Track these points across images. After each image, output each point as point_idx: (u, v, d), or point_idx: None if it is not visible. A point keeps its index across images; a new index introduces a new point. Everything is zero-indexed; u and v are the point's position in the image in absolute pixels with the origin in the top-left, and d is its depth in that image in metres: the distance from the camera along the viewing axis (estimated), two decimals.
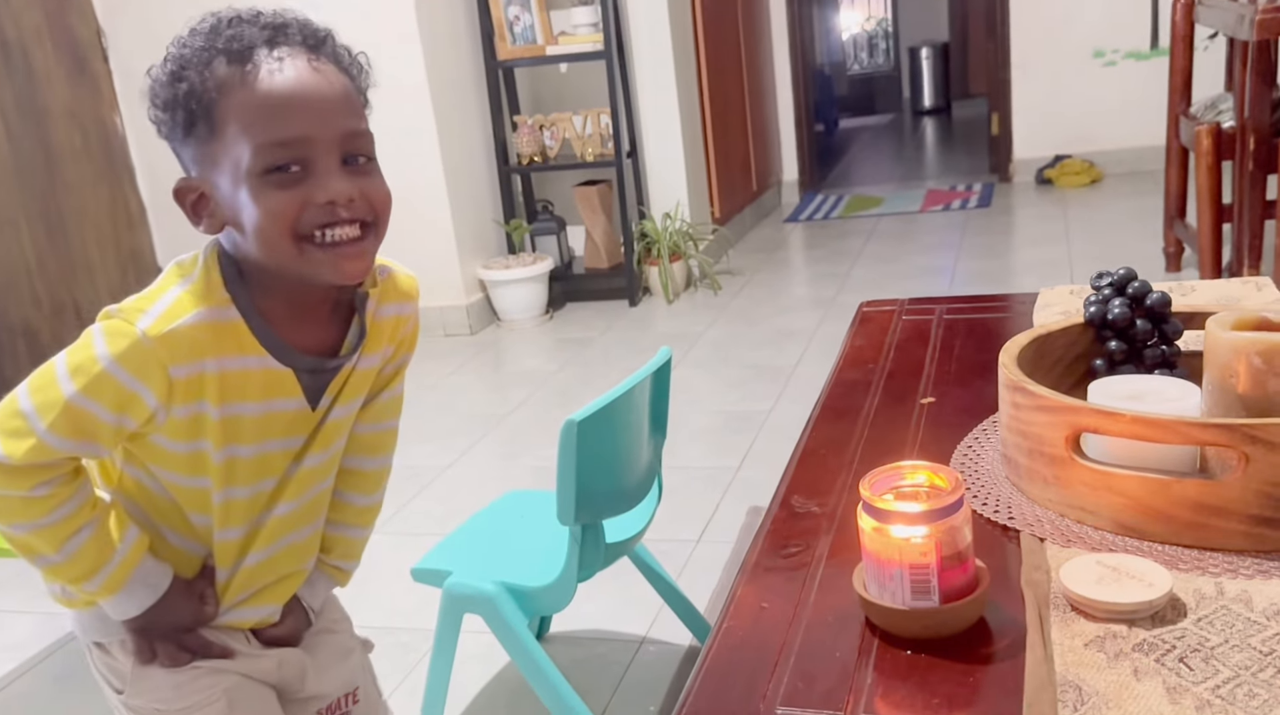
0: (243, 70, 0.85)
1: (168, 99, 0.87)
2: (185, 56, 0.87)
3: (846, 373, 1.30)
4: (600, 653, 1.79)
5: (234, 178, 0.86)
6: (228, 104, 0.85)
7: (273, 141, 0.85)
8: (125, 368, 0.86)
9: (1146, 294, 1.01)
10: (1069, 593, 0.74)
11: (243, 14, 0.89)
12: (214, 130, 0.86)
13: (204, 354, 0.88)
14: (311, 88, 0.87)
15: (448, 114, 3.75)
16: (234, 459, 0.94)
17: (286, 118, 0.85)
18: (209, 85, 0.85)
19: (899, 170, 6.40)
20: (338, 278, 0.90)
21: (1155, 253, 3.74)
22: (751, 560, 0.88)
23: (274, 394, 0.93)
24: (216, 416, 0.91)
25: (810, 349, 3.28)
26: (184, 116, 0.87)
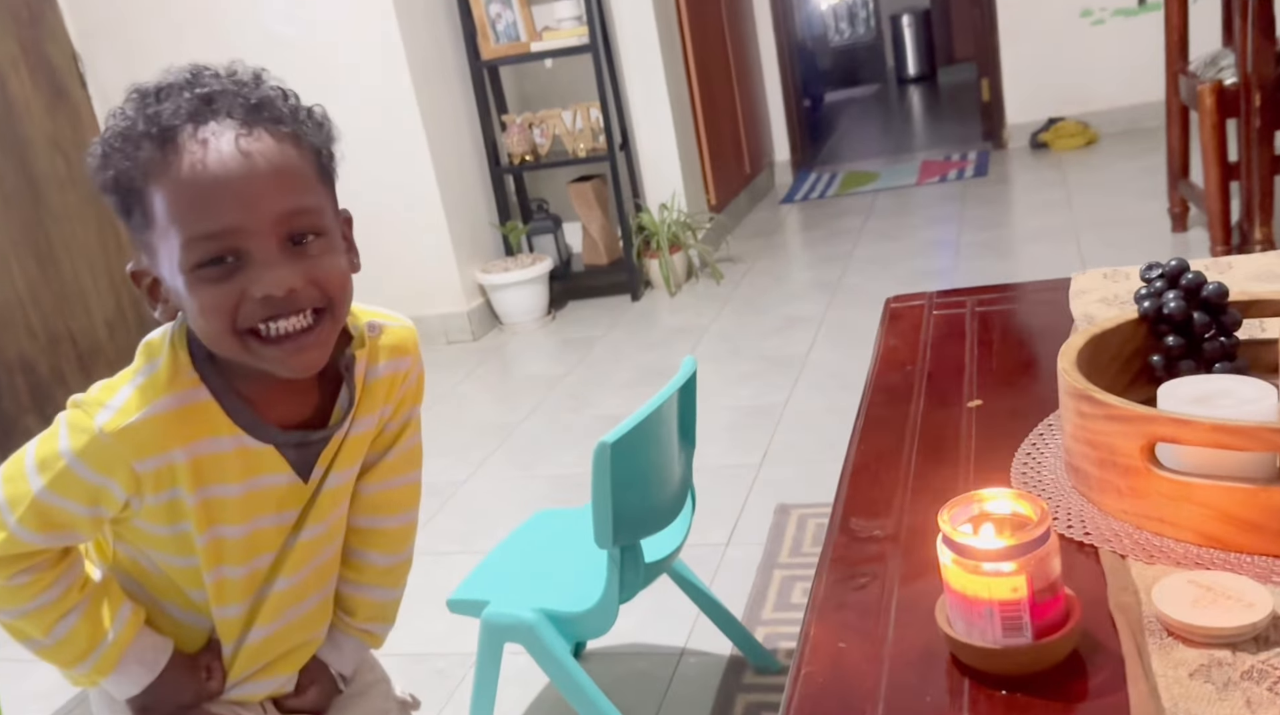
0: (164, 154, 0.79)
1: (101, 181, 0.83)
2: (111, 138, 0.81)
3: (885, 376, 1.26)
4: (640, 669, 1.76)
5: (170, 269, 0.82)
6: (154, 191, 0.80)
7: (199, 234, 0.79)
8: (87, 464, 0.83)
9: (1201, 285, 0.98)
10: (1165, 618, 0.70)
11: (175, 80, 0.82)
12: (147, 218, 0.81)
13: (169, 444, 0.84)
14: (239, 169, 0.79)
15: (436, 118, 3.70)
16: (220, 540, 0.90)
17: (211, 206, 0.79)
18: (134, 171, 0.80)
19: (890, 143, 6.35)
20: (289, 372, 0.85)
21: (1159, 213, 3.71)
22: (820, 595, 0.84)
23: (256, 472, 0.89)
24: (193, 502, 0.87)
25: (820, 336, 3.24)
26: (119, 202, 0.83)
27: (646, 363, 3.23)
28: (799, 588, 1.89)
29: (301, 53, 3.58)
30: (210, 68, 0.84)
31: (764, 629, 1.79)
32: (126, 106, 0.82)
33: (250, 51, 3.48)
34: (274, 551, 0.94)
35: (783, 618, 1.82)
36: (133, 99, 0.82)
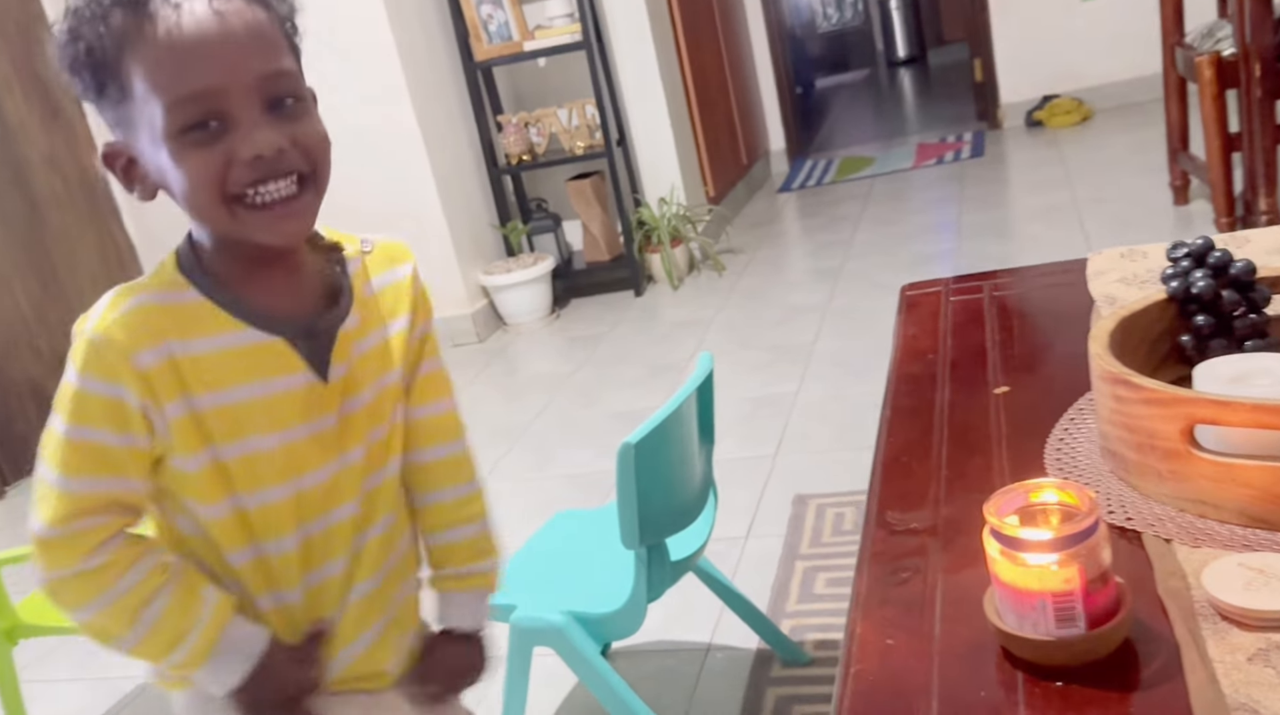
0: (138, 20, 0.77)
1: (71, 59, 0.80)
2: (81, 9, 0.79)
3: (907, 366, 1.25)
4: (668, 666, 1.76)
5: (152, 140, 0.80)
6: (130, 60, 0.78)
7: (182, 97, 0.77)
8: (93, 376, 0.81)
9: (1229, 263, 0.97)
10: (1218, 602, 0.70)
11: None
12: (124, 90, 0.79)
13: (164, 335, 0.83)
14: (216, 30, 0.78)
15: (432, 121, 3.69)
16: (254, 456, 0.86)
17: (193, 68, 0.77)
18: (107, 41, 0.78)
19: (884, 127, 6.34)
20: (276, 239, 0.83)
21: (1160, 187, 3.70)
22: (863, 591, 0.84)
23: (268, 371, 0.86)
24: (209, 406, 0.84)
25: (826, 324, 3.24)
26: (91, 78, 0.80)
27: (654, 358, 3.22)
28: (822, 579, 1.89)
29: None
30: None
31: (789, 621, 1.78)
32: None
33: None
34: (316, 470, 0.89)
35: (807, 609, 1.82)
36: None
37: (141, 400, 0.82)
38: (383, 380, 0.94)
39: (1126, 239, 3.37)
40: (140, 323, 0.82)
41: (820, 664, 1.67)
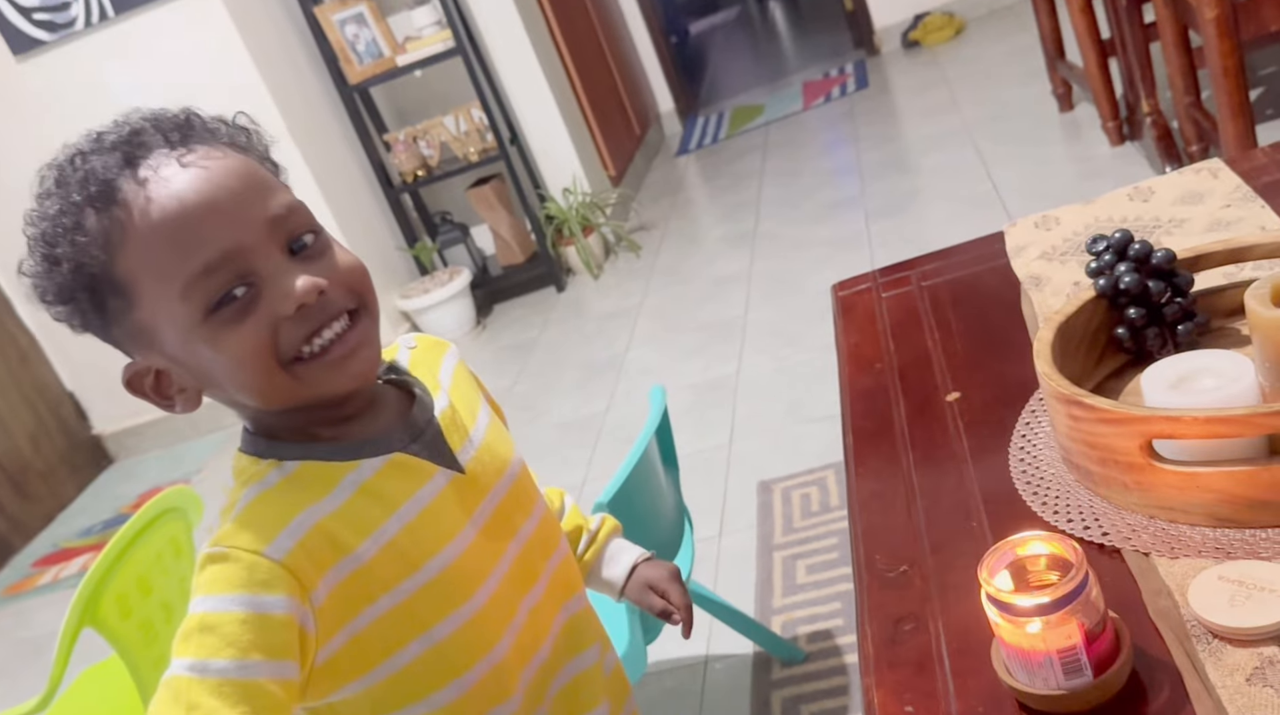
0: (114, 213, 0.70)
1: (57, 289, 0.72)
2: (47, 231, 0.70)
3: (857, 380, 1.27)
4: (669, 686, 1.79)
5: (179, 337, 0.72)
6: (123, 260, 0.70)
7: (198, 271, 0.70)
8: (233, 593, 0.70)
9: (1149, 254, 1.00)
10: (1207, 623, 0.73)
11: (80, 145, 0.73)
12: (127, 297, 0.71)
13: (291, 512, 0.73)
14: (205, 190, 0.71)
15: (317, 155, 3.59)
16: (439, 576, 0.78)
17: (197, 237, 0.70)
18: (89, 250, 0.70)
19: (766, 69, 6.35)
20: (350, 383, 0.76)
21: (1044, 96, 3.78)
22: (869, 654, 0.86)
23: (409, 489, 0.79)
24: (371, 552, 0.75)
25: (753, 293, 3.26)
26: (86, 299, 0.72)
27: (588, 357, 3.22)
28: (802, 567, 1.93)
29: None
30: (104, 128, 0.74)
31: (779, 618, 1.82)
32: (43, 204, 0.71)
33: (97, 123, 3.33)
34: (500, 561, 0.83)
35: (794, 601, 1.86)
36: (48, 179, 0.72)
37: (294, 599, 0.71)
38: (509, 454, 0.89)
39: (1019, 156, 3.45)
40: (260, 513, 0.74)
41: (817, 657, 1.71)
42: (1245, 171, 1.36)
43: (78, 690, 1.82)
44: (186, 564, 1.71)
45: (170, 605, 1.65)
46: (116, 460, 3.97)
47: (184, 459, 3.73)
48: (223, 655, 0.68)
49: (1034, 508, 0.93)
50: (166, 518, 1.65)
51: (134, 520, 1.58)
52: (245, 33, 3.36)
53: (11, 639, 2.94)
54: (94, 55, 3.37)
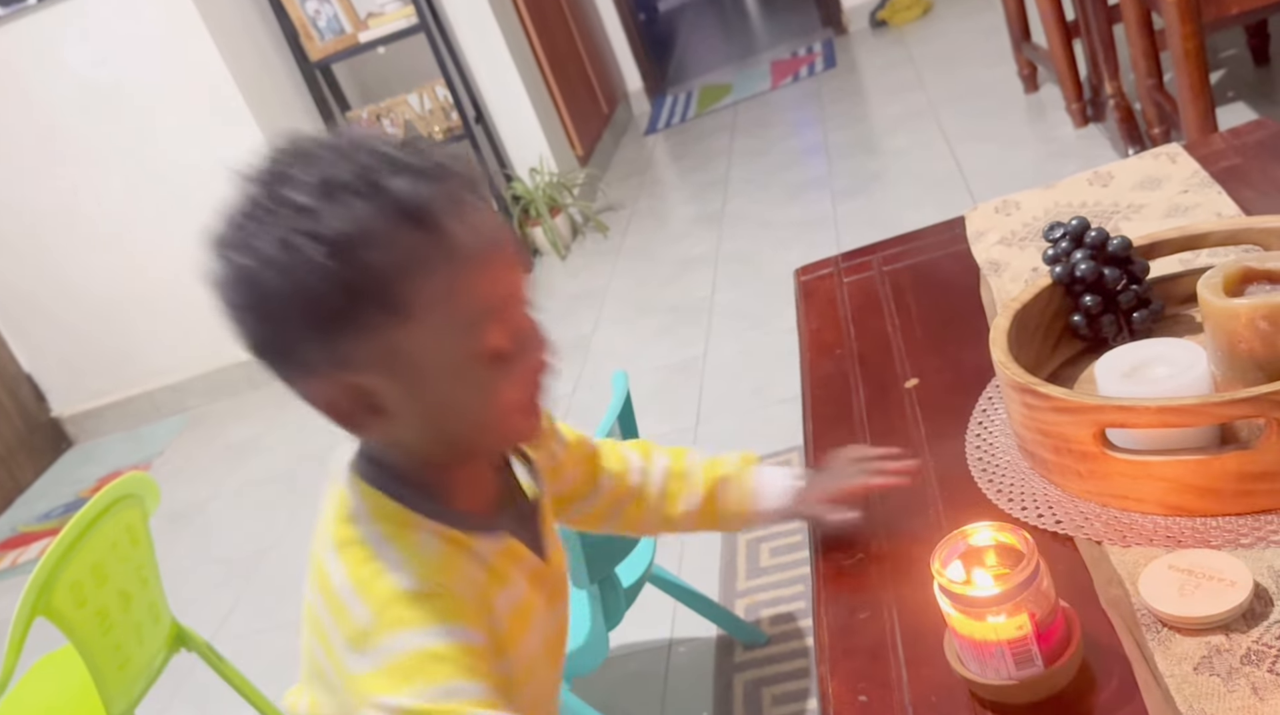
0: (433, 239, 0.68)
1: (316, 283, 0.66)
2: (357, 231, 0.66)
3: (818, 366, 1.27)
4: (633, 670, 1.79)
5: (444, 368, 0.70)
6: (418, 282, 0.68)
7: (490, 314, 0.70)
8: (441, 625, 0.71)
9: (1106, 242, 1.00)
10: (1157, 612, 0.74)
11: (371, 153, 0.69)
12: (400, 316, 0.68)
13: (458, 568, 0.75)
14: (506, 237, 0.72)
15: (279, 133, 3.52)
16: (527, 664, 0.82)
17: (495, 285, 0.71)
18: (394, 262, 0.67)
19: (735, 47, 6.32)
20: (534, 437, 0.81)
21: (1009, 77, 3.79)
22: (825, 643, 0.86)
23: (516, 571, 0.81)
24: (503, 622, 0.79)
25: (719, 274, 3.26)
26: (340, 301, 0.67)
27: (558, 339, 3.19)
28: (765, 550, 1.93)
29: (124, 97, 3.36)
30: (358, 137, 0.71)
31: (742, 601, 1.83)
32: (346, 203, 0.66)
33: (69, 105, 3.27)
34: (558, 646, 0.88)
35: (757, 585, 1.86)
36: (348, 187, 0.67)
37: (482, 632, 0.75)
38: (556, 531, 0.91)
39: (984, 136, 3.46)
40: (444, 555, 0.75)
41: (779, 640, 1.72)
42: (1203, 157, 1.37)
43: (32, 680, 1.79)
44: (143, 551, 1.69)
45: (127, 593, 1.63)
46: (76, 443, 3.91)
47: (145, 441, 3.68)
48: (466, 678, 0.70)
49: (989, 495, 0.93)
50: (122, 505, 1.62)
51: (88, 507, 1.55)
52: (203, 8, 3.30)
53: None
54: (49, 30, 3.29)
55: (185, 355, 3.76)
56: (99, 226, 3.57)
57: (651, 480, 1.02)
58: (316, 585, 0.78)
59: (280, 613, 2.39)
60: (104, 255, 3.61)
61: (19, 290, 3.68)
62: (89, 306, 3.70)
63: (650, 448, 1.03)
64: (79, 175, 3.48)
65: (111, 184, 3.49)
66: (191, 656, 1.85)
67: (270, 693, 1.86)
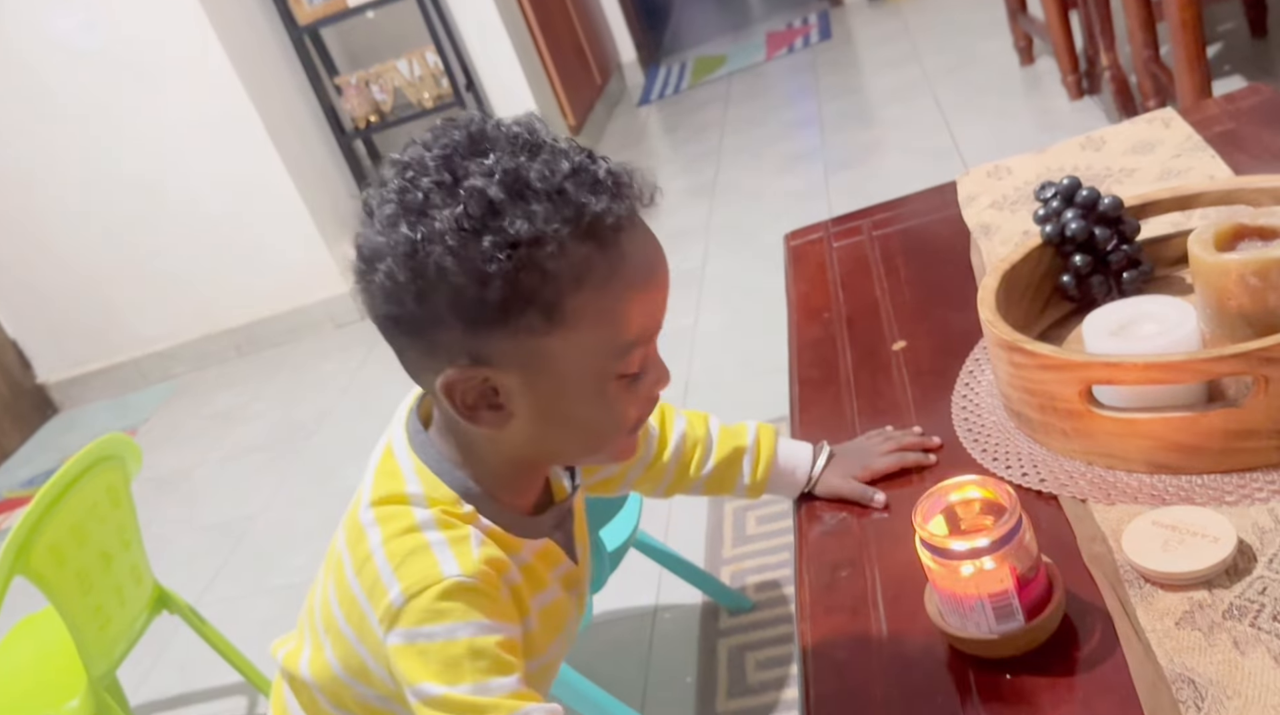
0: (607, 256, 0.68)
1: (487, 278, 0.66)
2: (539, 236, 0.66)
3: (806, 330, 1.26)
4: (617, 636, 1.79)
5: (581, 379, 0.71)
6: (583, 295, 0.68)
7: (638, 338, 0.71)
8: (484, 619, 0.73)
9: (1097, 201, 0.99)
10: (1140, 568, 0.73)
11: (567, 157, 0.68)
12: (556, 323, 0.68)
13: (504, 564, 0.77)
14: (664, 266, 0.73)
15: (266, 98, 3.49)
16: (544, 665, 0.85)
17: (652, 307, 0.72)
18: (567, 272, 0.67)
19: (730, 18, 6.26)
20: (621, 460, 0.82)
21: (1005, 49, 3.76)
22: (806, 601, 0.85)
23: (551, 572, 0.83)
24: (535, 622, 0.81)
25: (711, 245, 3.24)
26: (505, 300, 0.67)
27: None
28: (751, 518, 1.93)
29: (110, 62, 3.31)
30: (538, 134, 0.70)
31: (728, 568, 1.82)
32: (534, 203, 0.66)
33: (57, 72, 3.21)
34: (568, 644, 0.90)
35: (743, 552, 1.86)
36: (537, 189, 0.66)
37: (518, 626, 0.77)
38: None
39: (979, 108, 3.44)
40: (492, 555, 0.75)
41: (764, 606, 1.72)
42: (1197, 121, 1.35)
43: (12, 641, 1.79)
44: (125, 513, 1.67)
45: (108, 554, 1.62)
46: (62, 410, 3.89)
47: (131, 409, 3.66)
48: (503, 672, 0.72)
49: (974, 455, 0.92)
50: (103, 466, 1.61)
51: (68, 467, 1.53)
52: None
53: None
54: None
55: (172, 323, 3.73)
56: (84, 191, 3.53)
57: (668, 445, 1.01)
58: (349, 546, 0.78)
59: (264, 579, 2.38)
60: (89, 221, 3.57)
61: (4, 257, 3.64)
62: (75, 272, 3.67)
63: (668, 412, 1.01)
64: (64, 138, 3.43)
65: (97, 148, 3.45)
66: (174, 622, 1.84)
67: (253, 656, 1.86)
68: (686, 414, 1.03)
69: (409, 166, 0.69)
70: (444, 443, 0.79)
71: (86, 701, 1.56)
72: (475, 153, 0.68)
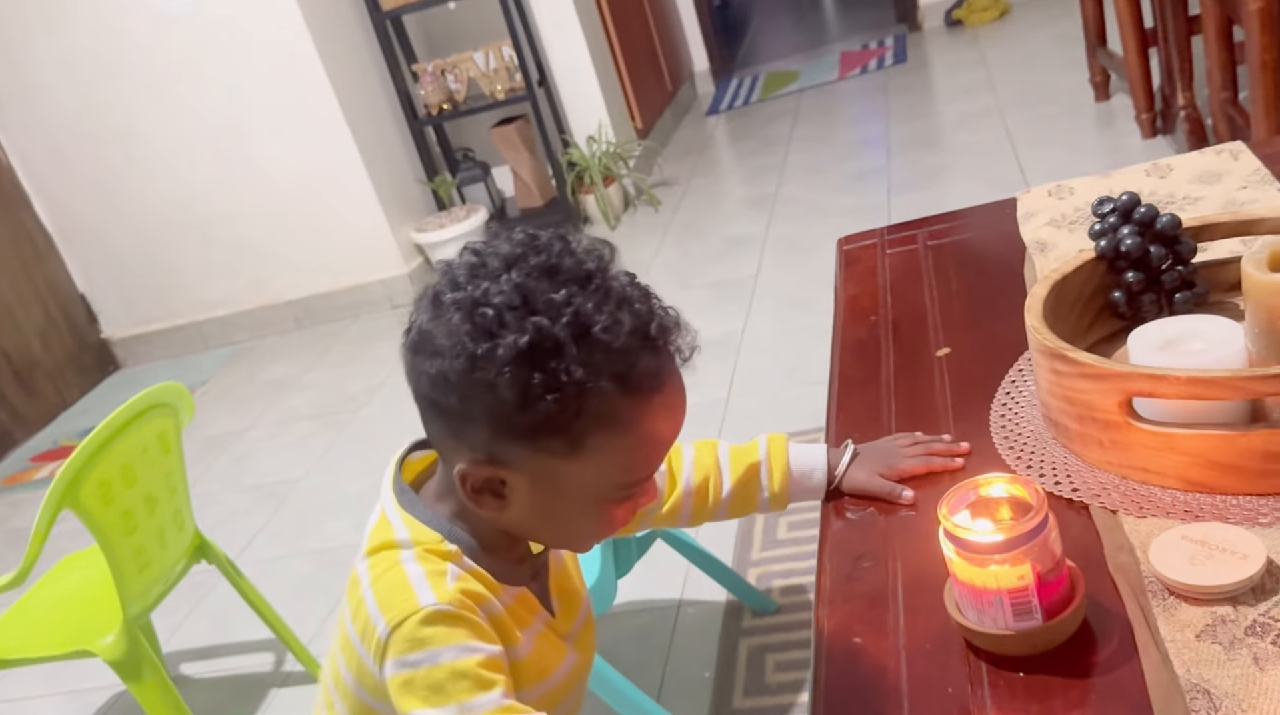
0: (636, 406, 0.73)
1: (527, 400, 0.71)
2: (582, 379, 0.70)
3: (851, 330, 1.26)
4: (641, 625, 1.80)
5: (576, 497, 0.77)
6: (606, 436, 0.73)
7: (640, 478, 0.78)
8: (468, 641, 0.76)
9: (1154, 219, 0.98)
10: (1165, 579, 0.73)
11: (630, 315, 0.73)
12: (574, 451, 0.74)
13: (482, 598, 0.80)
14: (682, 416, 0.78)
15: (345, 79, 3.57)
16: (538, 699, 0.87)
17: (660, 454, 0.78)
18: (597, 414, 0.72)
19: (806, 36, 6.26)
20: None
21: (1081, 84, 3.72)
22: (826, 587, 0.86)
23: (528, 618, 0.86)
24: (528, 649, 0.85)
25: (766, 255, 3.24)
26: (535, 422, 0.72)
27: None
28: (784, 523, 1.93)
29: (196, 30, 3.41)
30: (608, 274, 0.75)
31: (755, 570, 1.83)
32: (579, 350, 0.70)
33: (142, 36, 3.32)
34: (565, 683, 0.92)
35: (772, 555, 1.86)
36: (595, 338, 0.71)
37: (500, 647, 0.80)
38: (582, 590, 0.95)
39: (1051, 141, 3.40)
40: (468, 587, 0.79)
41: (788, 610, 1.72)
42: (1266, 155, 1.33)
43: (54, 576, 1.84)
44: (173, 460, 1.72)
45: (154, 498, 1.67)
46: (123, 366, 3.99)
47: (190, 370, 3.75)
48: (485, 689, 0.75)
49: (1008, 461, 0.92)
50: (156, 412, 1.66)
51: (123, 409, 1.58)
52: None
53: (5, 527, 2.98)
54: None
55: (235, 290, 3.82)
56: (160, 156, 3.63)
57: (679, 481, 1.03)
58: (348, 596, 0.83)
59: (302, 541, 2.43)
60: (163, 184, 3.68)
61: (79, 213, 3.76)
62: (146, 234, 3.77)
63: (676, 448, 1.03)
64: (147, 99, 3.54)
65: (173, 115, 3.55)
66: (212, 577, 1.89)
67: (287, 615, 1.90)
68: (695, 445, 1.05)
69: (485, 277, 0.73)
70: (440, 501, 0.84)
71: (120, 638, 1.60)
72: (550, 284, 0.72)
